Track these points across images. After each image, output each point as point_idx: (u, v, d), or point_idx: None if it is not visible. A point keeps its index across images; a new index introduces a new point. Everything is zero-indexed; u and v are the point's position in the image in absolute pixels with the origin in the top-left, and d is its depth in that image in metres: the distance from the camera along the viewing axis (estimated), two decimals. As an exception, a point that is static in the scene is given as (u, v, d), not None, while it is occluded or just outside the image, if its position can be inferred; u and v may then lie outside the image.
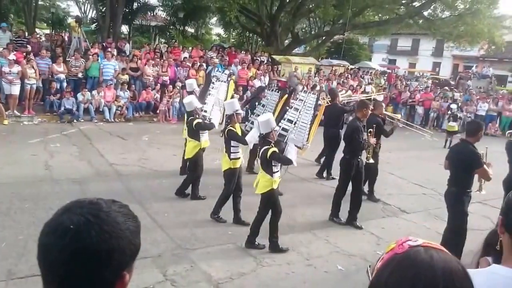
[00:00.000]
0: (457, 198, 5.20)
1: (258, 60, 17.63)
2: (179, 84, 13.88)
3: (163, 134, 11.40)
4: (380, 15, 23.47)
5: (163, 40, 26.94)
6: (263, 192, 5.11)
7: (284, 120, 6.42)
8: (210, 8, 23.63)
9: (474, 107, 17.68)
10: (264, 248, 5.20)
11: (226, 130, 5.79)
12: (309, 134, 6.42)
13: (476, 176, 5.25)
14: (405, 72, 34.92)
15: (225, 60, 15.95)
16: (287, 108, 6.92)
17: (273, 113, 6.83)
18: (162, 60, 14.63)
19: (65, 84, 12.44)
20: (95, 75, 13.08)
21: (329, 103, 8.63)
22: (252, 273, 4.70)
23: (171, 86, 13.84)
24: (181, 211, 6.26)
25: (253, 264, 4.89)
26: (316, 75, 18.08)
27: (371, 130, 6.75)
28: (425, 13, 22.23)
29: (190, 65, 14.72)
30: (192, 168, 6.79)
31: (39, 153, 8.59)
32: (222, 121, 7.78)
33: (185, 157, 6.83)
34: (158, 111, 13.41)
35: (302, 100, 6.65)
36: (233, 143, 5.77)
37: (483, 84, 25.78)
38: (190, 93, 7.85)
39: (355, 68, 24.14)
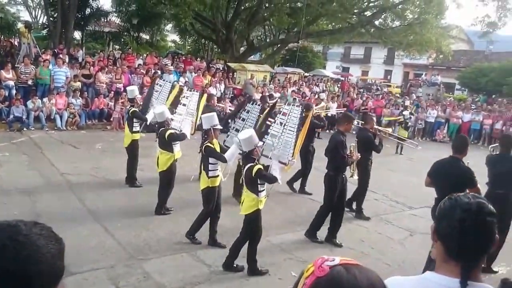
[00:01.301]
0: None
1: (213, 67, 17.65)
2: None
3: (117, 142, 11.07)
4: (333, 24, 24.12)
5: (117, 47, 26.39)
6: (248, 213, 4.82)
7: (268, 135, 6.06)
8: (164, 14, 23.44)
9: (425, 114, 18.48)
10: (243, 270, 4.95)
11: (204, 147, 5.46)
12: (294, 149, 6.00)
13: None
14: (358, 79, 36.05)
15: (180, 67, 15.87)
16: (269, 122, 6.47)
17: (254, 128, 6.47)
18: (115, 67, 14.34)
19: (14, 92, 11.96)
20: (46, 82, 12.67)
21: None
22: (206, 282, 4.69)
23: (124, 93, 13.57)
24: (135, 221, 6.14)
25: (207, 273, 4.88)
26: (271, 82, 18.32)
27: (353, 144, 6.51)
28: (376, 22, 23.11)
29: (145, 72, 14.52)
30: (167, 181, 6.54)
31: (-15, 163, 8.18)
32: (194, 131, 7.70)
33: (159, 170, 6.55)
34: (111, 119, 13.11)
35: (286, 114, 6.19)
36: (211, 160, 5.44)
37: (432, 92, 26.99)
38: (131, 100, 7.74)
39: (309, 75, 24.68)
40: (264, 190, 4.86)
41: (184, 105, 7.47)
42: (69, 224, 5.68)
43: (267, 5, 21.78)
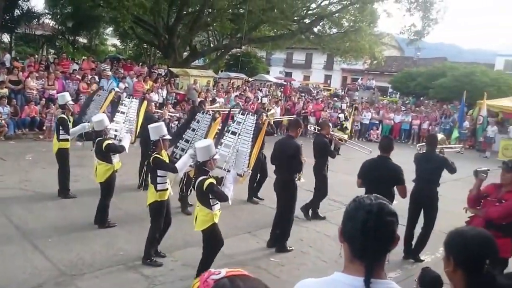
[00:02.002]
0: None
1: (155, 72, 17.33)
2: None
3: (50, 152, 10.43)
4: (275, 30, 24.56)
5: (52, 51, 25.14)
6: (204, 228, 4.56)
7: (221, 145, 5.69)
8: (103, 18, 22.65)
9: (361, 117, 19.33)
10: None
11: (152, 158, 5.08)
12: (249, 159, 5.62)
13: None
14: (300, 84, 36.98)
15: (120, 73, 15.40)
16: (224, 132, 6.03)
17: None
18: (47, 73, 13.63)
19: None
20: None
21: None
22: (144, 293, 4.59)
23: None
24: (68, 235, 5.85)
25: (145, 284, 4.76)
26: (215, 87, 18.32)
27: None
28: (315, 30, 23.90)
29: (80, 78, 13.94)
30: (106, 193, 6.24)
31: None
32: (134, 141, 7.43)
33: (97, 181, 6.25)
34: (44, 127, 12.44)
35: (240, 123, 5.83)
36: (159, 172, 5.09)
37: (367, 95, 28.34)
38: (63, 106, 7.42)
39: (252, 80, 24.97)
40: (217, 203, 4.61)
41: (122, 113, 7.24)
42: (-7, 242, 5.34)
43: (209, 11, 21.75)
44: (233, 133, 5.77)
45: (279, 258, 5.80)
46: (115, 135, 6.72)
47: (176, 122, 13.43)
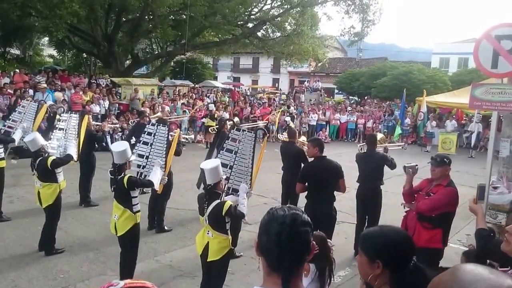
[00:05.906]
0: (333, 219, 5.30)
1: (95, 83, 16.65)
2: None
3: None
4: (219, 35, 24.50)
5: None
6: (221, 256, 4.20)
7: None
8: (35, 27, 21.43)
9: (308, 118, 19.64)
10: None
11: (127, 179, 4.69)
12: (251, 178, 5.22)
13: None
14: (249, 88, 37.14)
15: (57, 85, 14.64)
16: (221, 148, 5.55)
17: (166, 154, 5.85)
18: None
19: None
20: None
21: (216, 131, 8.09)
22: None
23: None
24: (0, 261, 5.41)
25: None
26: (159, 96, 17.93)
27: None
28: (259, 34, 24.10)
29: (13, 92, 13.09)
30: (53, 216, 5.79)
31: None
32: (78, 158, 6.98)
33: (43, 205, 5.73)
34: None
35: (236, 140, 5.35)
36: (133, 193, 4.77)
37: (314, 97, 28.86)
38: None
39: (198, 87, 24.73)
40: (229, 228, 4.30)
41: (61, 129, 6.77)
42: None
43: (150, 17, 21.24)
44: (229, 150, 5.37)
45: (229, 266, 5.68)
46: (56, 153, 6.27)
47: (120, 134, 13.00)
